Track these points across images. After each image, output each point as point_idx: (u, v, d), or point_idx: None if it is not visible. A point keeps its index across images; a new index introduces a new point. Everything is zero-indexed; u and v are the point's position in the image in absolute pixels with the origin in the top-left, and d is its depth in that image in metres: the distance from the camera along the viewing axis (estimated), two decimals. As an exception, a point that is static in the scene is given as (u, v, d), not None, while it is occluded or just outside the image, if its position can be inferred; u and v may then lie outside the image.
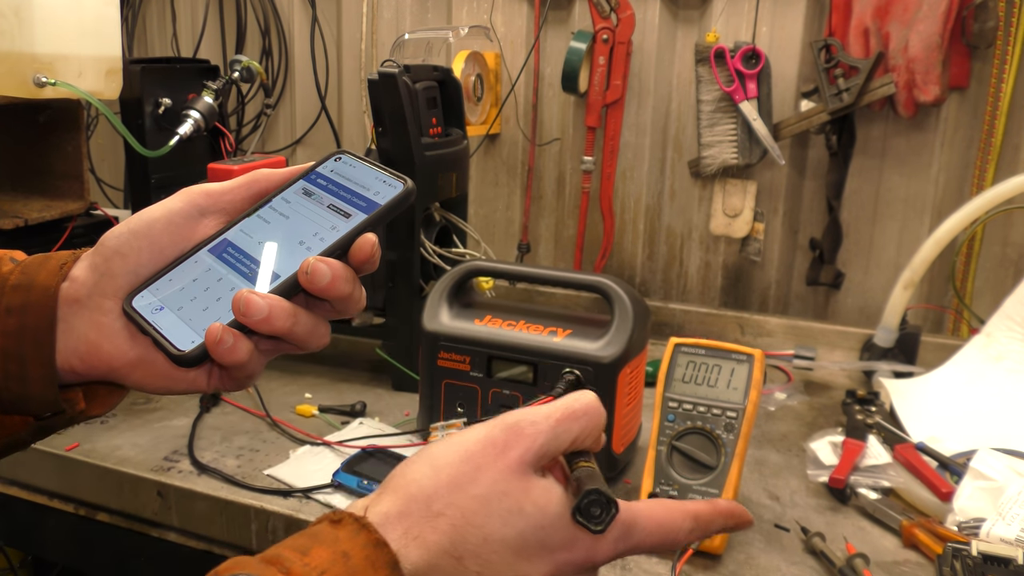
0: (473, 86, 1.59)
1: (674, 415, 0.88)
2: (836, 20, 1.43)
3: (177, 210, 0.52)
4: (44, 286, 0.50)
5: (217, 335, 0.46)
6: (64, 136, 1.35)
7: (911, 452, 0.97)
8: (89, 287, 0.50)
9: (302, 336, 0.48)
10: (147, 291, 0.50)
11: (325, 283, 0.47)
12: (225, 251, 0.51)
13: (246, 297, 0.47)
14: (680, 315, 1.54)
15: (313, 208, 0.51)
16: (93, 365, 0.50)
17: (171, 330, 0.48)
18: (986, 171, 1.40)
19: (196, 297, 0.49)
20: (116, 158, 2.04)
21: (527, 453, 0.45)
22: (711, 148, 1.52)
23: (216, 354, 0.47)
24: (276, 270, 0.49)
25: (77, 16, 1.21)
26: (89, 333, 0.49)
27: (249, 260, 0.50)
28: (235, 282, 0.49)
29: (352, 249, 0.49)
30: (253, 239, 0.51)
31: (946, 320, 1.51)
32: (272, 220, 0.51)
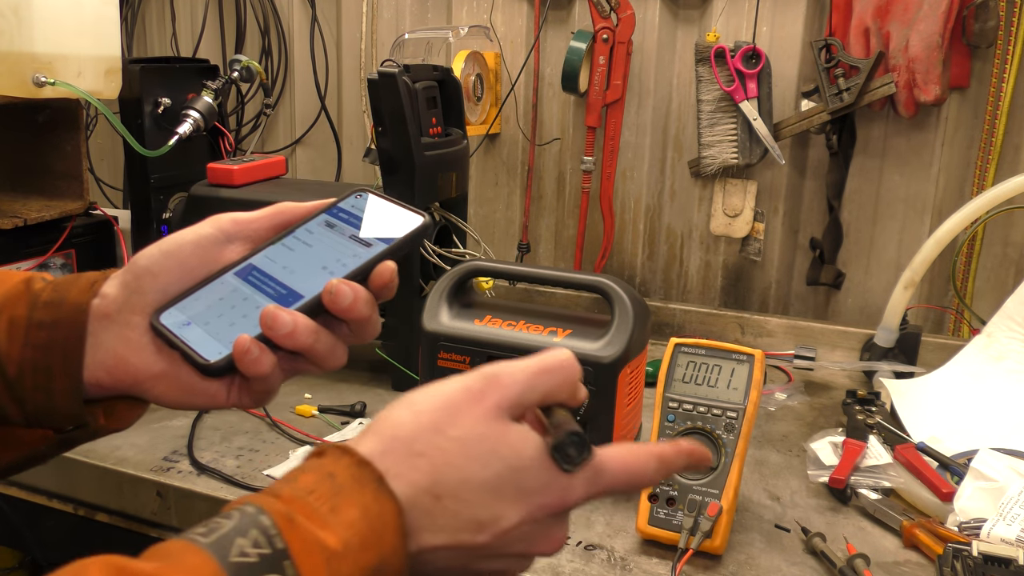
0: (473, 86, 1.58)
1: (674, 415, 0.88)
2: (836, 20, 1.43)
3: (206, 235, 0.55)
4: (75, 302, 0.52)
5: (245, 346, 0.49)
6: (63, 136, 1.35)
7: (912, 452, 0.97)
8: (119, 303, 0.52)
9: (321, 354, 0.51)
10: (174, 308, 0.52)
11: (347, 304, 0.50)
12: (251, 274, 0.53)
13: (273, 312, 0.49)
14: (680, 315, 1.54)
15: (335, 238, 0.54)
16: (119, 378, 0.52)
17: (199, 343, 0.51)
18: (987, 171, 1.39)
19: (223, 314, 0.52)
20: (115, 158, 2.04)
21: (503, 400, 0.46)
22: (711, 148, 1.52)
23: (242, 364, 0.49)
24: (300, 291, 0.52)
25: (76, 16, 1.21)
26: (117, 347, 0.52)
27: (274, 282, 0.53)
28: (260, 301, 0.52)
29: (372, 275, 0.52)
30: (277, 264, 0.54)
31: (947, 320, 1.51)
32: (296, 248, 0.54)
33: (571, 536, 0.88)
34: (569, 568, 0.83)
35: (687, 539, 0.82)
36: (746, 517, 0.92)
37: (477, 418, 0.45)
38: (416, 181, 1.17)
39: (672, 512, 0.84)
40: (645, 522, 0.85)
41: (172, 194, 1.40)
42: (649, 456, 0.49)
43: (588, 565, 0.83)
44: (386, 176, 1.19)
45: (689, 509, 0.83)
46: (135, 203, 1.39)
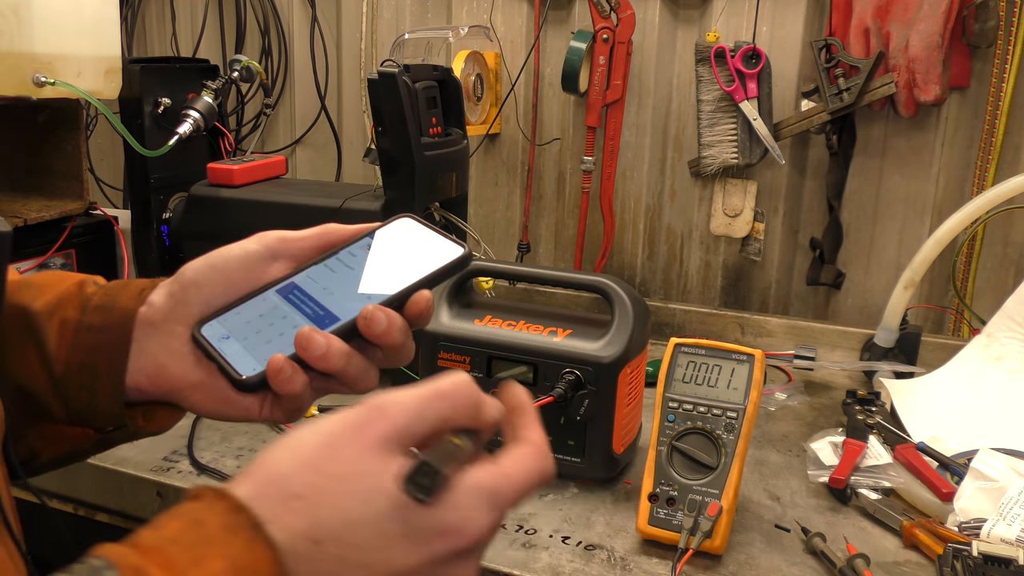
0: (473, 86, 1.58)
1: (674, 415, 0.88)
2: (836, 20, 1.43)
3: (252, 251, 0.56)
4: (124, 308, 0.54)
5: (278, 365, 0.50)
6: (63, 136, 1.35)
7: (912, 452, 0.97)
8: (165, 312, 0.54)
9: (353, 377, 0.52)
10: (216, 321, 0.54)
11: (381, 330, 0.51)
12: (292, 292, 0.55)
13: (308, 334, 0.50)
14: (680, 315, 1.54)
15: (376, 263, 0.56)
16: (158, 384, 0.54)
17: (235, 357, 0.52)
18: (987, 171, 1.39)
19: (261, 331, 0.53)
20: (115, 158, 2.04)
21: (390, 431, 0.42)
22: (711, 148, 1.52)
23: (275, 383, 0.51)
24: (337, 313, 0.53)
25: (76, 16, 1.21)
26: (159, 355, 0.54)
27: (313, 303, 0.54)
28: (298, 320, 0.53)
29: (408, 303, 0.53)
30: (318, 284, 0.55)
31: (947, 320, 1.51)
32: (337, 270, 0.56)
33: (571, 536, 0.88)
34: (569, 568, 0.83)
35: (687, 539, 0.82)
36: (746, 517, 0.92)
37: (359, 452, 0.41)
38: (416, 181, 1.17)
39: (672, 512, 0.84)
40: (645, 522, 0.85)
41: (172, 194, 1.40)
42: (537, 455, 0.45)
43: (588, 565, 0.83)
44: (386, 176, 1.19)
45: (689, 509, 0.83)
46: (135, 203, 1.39)
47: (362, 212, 1.21)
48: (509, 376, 0.98)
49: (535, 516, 0.91)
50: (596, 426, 0.94)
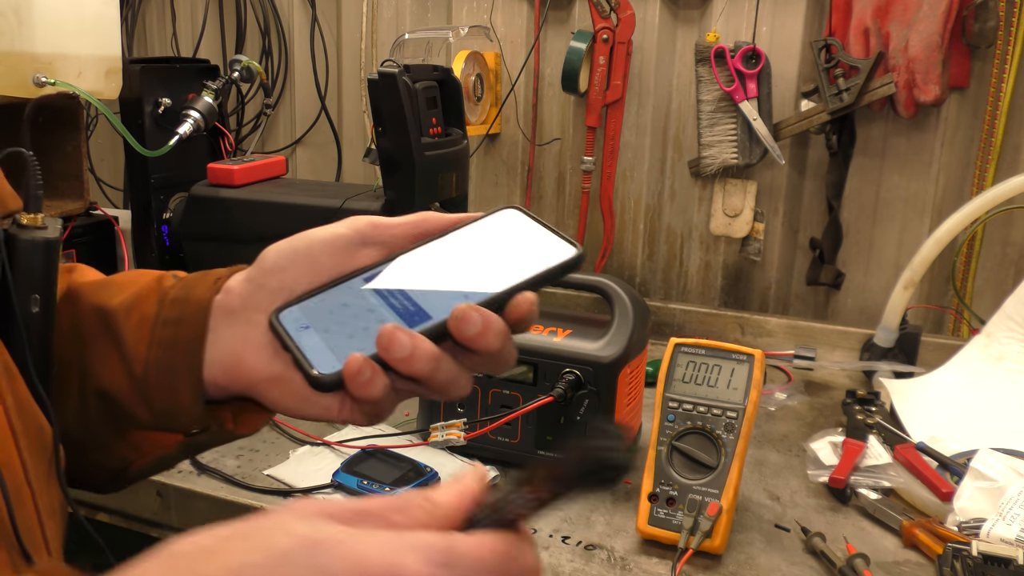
0: (473, 86, 1.58)
1: (674, 415, 0.88)
2: (836, 20, 1.43)
3: (341, 234, 0.51)
4: (200, 299, 0.51)
5: (357, 366, 0.45)
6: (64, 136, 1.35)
7: (911, 452, 0.97)
8: (244, 298, 0.50)
9: (441, 384, 0.46)
10: (296, 307, 0.49)
11: (474, 333, 0.45)
12: (381, 282, 0.50)
13: (392, 333, 0.45)
14: (680, 315, 1.54)
15: (477, 256, 0.50)
16: (235, 378, 0.50)
17: (312, 351, 0.47)
18: (986, 171, 1.40)
19: (344, 323, 0.48)
20: (116, 158, 2.04)
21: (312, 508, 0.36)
22: (711, 148, 1.52)
23: (352, 385, 0.45)
24: (429, 311, 0.47)
25: (77, 16, 1.21)
26: (236, 345, 0.50)
27: (403, 296, 0.48)
28: (385, 315, 0.48)
29: (510, 305, 0.46)
30: (411, 276, 0.49)
31: (946, 320, 1.51)
32: (433, 261, 0.50)
33: (571, 536, 0.88)
34: (569, 568, 0.83)
35: (687, 539, 0.82)
36: (746, 517, 0.92)
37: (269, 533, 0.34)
38: (416, 181, 1.17)
39: (672, 512, 0.84)
40: (645, 522, 0.85)
41: (172, 194, 1.40)
42: None
43: (588, 565, 0.83)
44: (386, 176, 1.19)
45: (689, 509, 0.83)
46: (135, 203, 1.39)
47: (362, 212, 1.21)
48: (509, 376, 0.99)
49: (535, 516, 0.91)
50: (596, 426, 0.94)
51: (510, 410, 0.95)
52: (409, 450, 0.99)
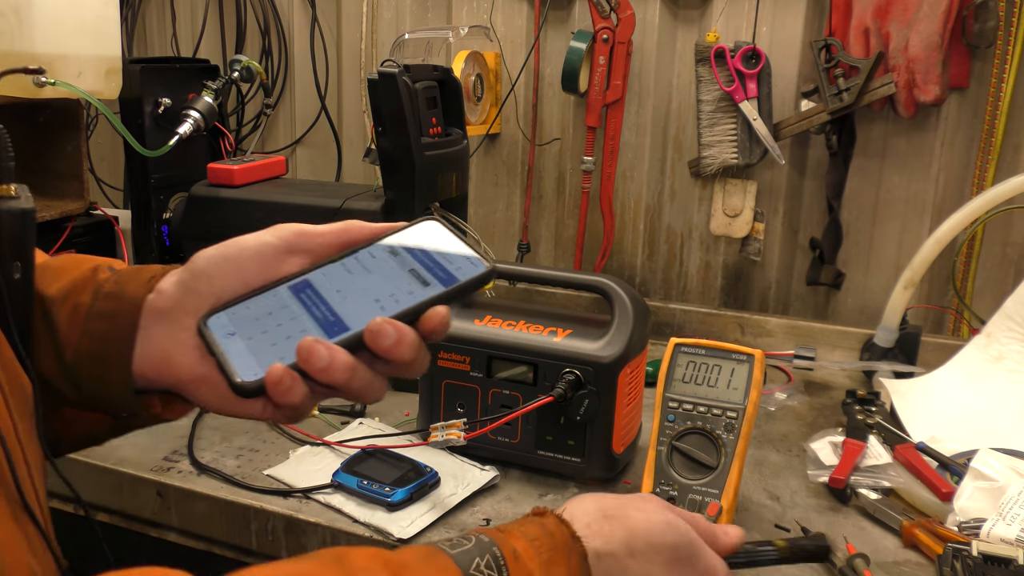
0: (473, 86, 1.58)
1: (674, 415, 0.88)
2: (836, 20, 1.43)
3: (268, 243, 0.54)
4: (133, 296, 0.53)
5: (277, 375, 0.48)
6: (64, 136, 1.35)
7: (911, 452, 0.97)
8: (174, 301, 0.53)
9: (357, 390, 0.49)
10: (224, 314, 0.52)
11: (388, 345, 0.48)
12: (304, 291, 0.52)
13: (311, 346, 0.48)
14: (680, 315, 1.54)
15: (395, 268, 0.53)
16: (163, 375, 0.52)
17: (237, 358, 0.50)
18: (986, 171, 1.40)
19: (267, 330, 0.51)
20: (116, 158, 2.04)
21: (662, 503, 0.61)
22: (711, 148, 1.52)
23: (273, 393, 0.48)
24: (347, 321, 0.50)
25: (77, 16, 1.21)
26: (165, 345, 0.52)
27: (324, 306, 0.51)
28: (306, 324, 0.50)
29: (423, 318, 0.50)
30: (332, 286, 0.52)
31: (946, 320, 1.51)
32: (354, 271, 0.53)
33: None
34: (569, 568, 0.83)
35: (687, 539, 0.82)
36: (746, 517, 0.92)
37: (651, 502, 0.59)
38: (416, 181, 1.17)
39: (672, 512, 0.84)
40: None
41: (172, 194, 1.40)
42: None
43: (588, 565, 0.83)
44: (386, 176, 1.19)
45: (689, 509, 0.83)
46: (135, 203, 1.39)
47: (362, 212, 1.21)
48: (509, 376, 0.99)
49: (535, 516, 0.91)
50: (596, 426, 0.94)
51: (510, 410, 0.94)
52: (409, 450, 0.99)
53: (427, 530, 0.87)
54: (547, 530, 0.53)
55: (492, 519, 0.90)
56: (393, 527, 0.86)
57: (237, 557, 0.96)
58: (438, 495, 0.92)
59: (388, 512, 0.89)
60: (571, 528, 0.54)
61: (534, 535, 0.52)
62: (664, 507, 0.59)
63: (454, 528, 0.88)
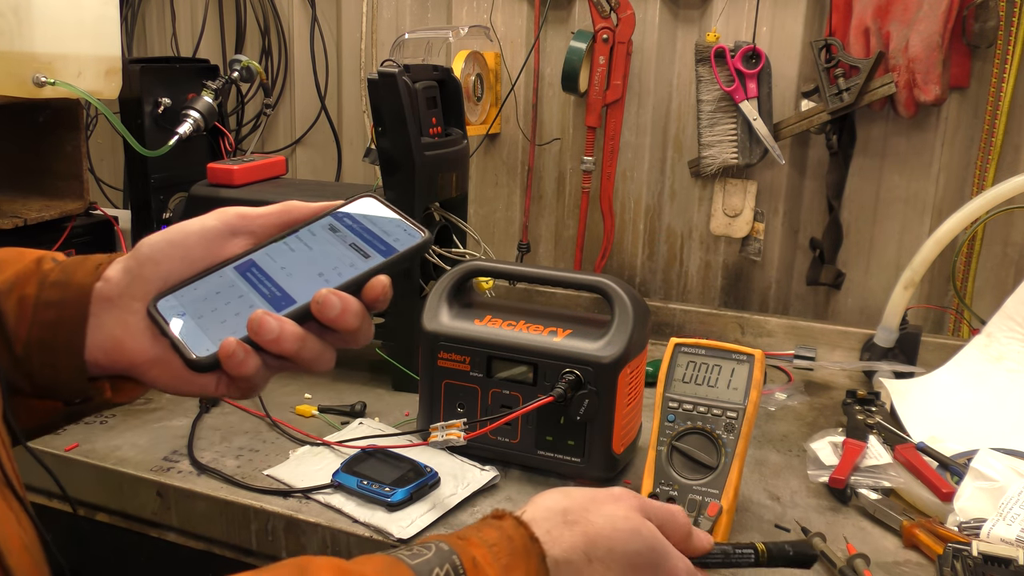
0: (473, 86, 1.58)
1: (674, 415, 0.88)
2: (836, 20, 1.43)
3: (211, 227, 0.56)
4: (81, 284, 0.54)
5: (230, 348, 0.50)
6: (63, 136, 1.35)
7: (912, 452, 0.97)
8: (122, 288, 0.54)
9: (307, 359, 0.52)
10: (172, 296, 0.53)
11: (334, 315, 0.51)
12: (249, 270, 0.54)
13: (260, 318, 0.50)
14: (680, 315, 1.54)
15: (336, 244, 0.55)
16: (115, 360, 0.54)
17: (189, 336, 0.52)
18: (987, 171, 1.39)
19: (216, 309, 0.53)
20: (115, 158, 2.04)
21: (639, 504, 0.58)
22: (711, 148, 1.52)
23: (227, 365, 0.50)
24: (293, 295, 0.52)
25: (76, 16, 1.21)
26: (116, 330, 0.54)
27: (270, 282, 0.53)
28: (254, 300, 0.53)
29: (365, 287, 0.52)
30: (277, 264, 0.54)
31: (946, 320, 1.51)
32: (297, 249, 0.55)
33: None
34: (569, 568, 0.83)
35: (687, 539, 0.82)
36: (746, 517, 0.92)
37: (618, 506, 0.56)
38: (416, 181, 1.17)
39: (672, 512, 0.84)
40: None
41: (172, 194, 1.40)
42: None
43: (588, 565, 0.83)
44: (386, 176, 1.19)
45: (689, 509, 0.83)
46: (135, 203, 1.39)
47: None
48: (509, 376, 0.99)
49: (535, 516, 0.91)
50: (596, 426, 0.94)
51: (510, 410, 0.94)
52: (409, 450, 0.99)
53: (427, 530, 0.87)
54: (506, 534, 0.53)
55: (492, 519, 0.90)
56: (393, 527, 0.86)
57: (237, 557, 0.96)
58: (438, 495, 0.92)
59: (388, 512, 0.89)
60: (530, 531, 0.53)
61: (493, 540, 0.52)
62: (633, 508, 0.57)
63: (454, 528, 0.88)
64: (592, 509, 0.55)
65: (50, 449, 1.02)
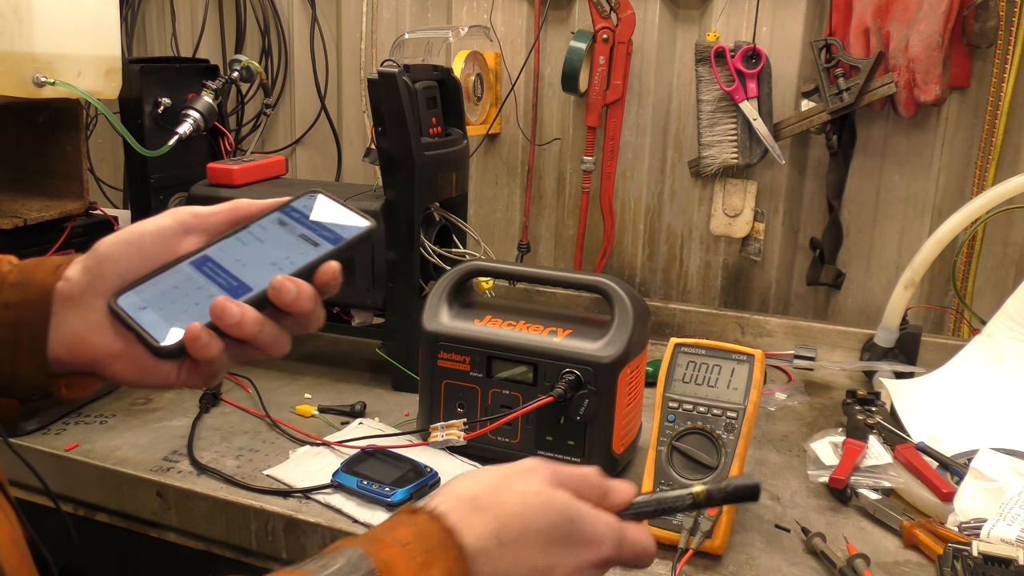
0: (473, 86, 1.58)
1: (674, 415, 0.88)
2: (836, 20, 1.43)
3: (166, 226, 0.59)
4: (41, 284, 0.56)
5: (196, 333, 0.53)
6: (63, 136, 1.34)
7: (912, 452, 0.97)
8: (82, 286, 0.56)
9: (266, 343, 0.55)
10: (132, 292, 0.56)
11: (290, 299, 0.54)
12: (205, 264, 0.57)
13: (223, 304, 0.53)
14: (680, 315, 1.54)
15: (286, 235, 0.59)
16: (78, 355, 0.56)
17: (153, 327, 0.54)
18: (987, 171, 1.39)
19: (176, 301, 0.56)
20: (115, 158, 2.04)
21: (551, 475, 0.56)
22: (711, 148, 1.52)
23: (192, 349, 0.53)
24: (250, 284, 0.56)
25: (76, 16, 1.21)
26: (78, 327, 0.56)
27: (226, 274, 0.57)
28: (213, 291, 0.55)
29: (317, 273, 0.56)
30: (231, 256, 0.58)
31: (947, 320, 1.51)
32: (249, 243, 0.59)
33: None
34: (569, 568, 0.83)
35: (687, 539, 0.82)
36: (746, 517, 0.92)
37: (531, 481, 0.55)
38: (416, 181, 1.17)
39: (672, 512, 0.84)
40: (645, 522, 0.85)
41: (172, 194, 1.40)
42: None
43: (588, 565, 0.83)
44: (386, 176, 1.19)
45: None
46: (135, 203, 1.39)
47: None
48: (509, 376, 0.99)
49: (535, 516, 0.91)
50: (596, 426, 0.94)
51: (510, 410, 0.94)
52: (409, 450, 0.99)
53: (427, 530, 0.87)
54: (420, 530, 0.51)
55: (492, 519, 0.90)
56: (393, 527, 0.86)
57: (237, 557, 0.96)
58: (438, 495, 0.92)
59: (388, 512, 0.89)
60: (444, 523, 0.52)
61: (407, 539, 0.51)
62: (544, 480, 0.55)
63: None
64: (503, 488, 0.54)
65: (50, 449, 1.02)
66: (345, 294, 1.24)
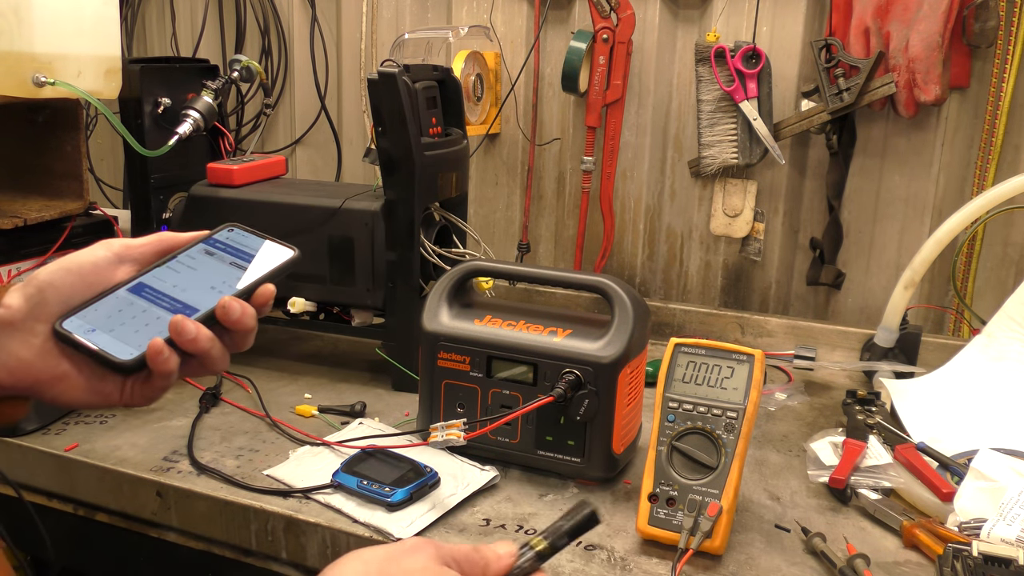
0: (473, 86, 1.58)
1: (674, 415, 0.88)
2: (837, 20, 1.43)
3: (101, 256, 0.63)
4: None
5: (158, 347, 0.58)
6: (63, 136, 1.35)
7: (912, 452, 0.97)
8: (24, 313, 0.59)
9: (214, 359, 0.60)
10: (76, 316, 0.59)
11: (236, 317, 0.60)
12: (143, 290, 0.62)
13: (181, 322, 0.58)
14: (680, 315, 1.54)
15: (216, 263, 0.65)
16: (20, 379, 0.58)
17: (108, 346, 0.58)
18: (987, 171, 1.39)
19: (125, 323, 0.60)
20: (115, 158, 2.04)
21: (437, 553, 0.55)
22: (711, 148, 1.52)
23: (154, 364, 0.58)
24: (194, 305, 0.61)
25: (76, 16, 1.21)
26: (21, 352, 0.58)
27: (168, 298, 0.62)
28: (159, 312, 0.60)
29: (255, 295, 0.62)
30: (168, 283, 0.63)
31: (947, 320, 1.51)
32: (180, 271, 0.64)
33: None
34: (569, 568, 0.83)
35: (687, 539, 0.82)
36: (746, 517, 0.92)
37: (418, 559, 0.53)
38: (416, 181, 1.17)
39: (672, 512, 0.84)
40: (645, 522, 0.85)
41: (172, 194, 1.40)
42: None
43: (588, 565, 0.83)
44: (386, 176, 1.19)
45: (689, 509, 0.83)
46: (135, 203, 1.39)
47: (362, 212, 1.21)
48: (509, 376, 0.98)
49: (535, 516, 0.91)
50: (596, 426, 0.94)
51: (510, 410, 0.94)
52: (409, 450, 0.99)
53: (427, 530, 0.87)
54: None
55: (491, 519, 0.90)
56: (393, 527, 0.86)
57: (237, 557, 0.96)
58: (438, 495, 0.92)
59: (388, 512, 0.89)
60: None
61: None
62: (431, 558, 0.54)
63: (454, 528, 0.88)
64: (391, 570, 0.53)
65: (50, 449, 1.02)
66: (345, 294, 1.24)
